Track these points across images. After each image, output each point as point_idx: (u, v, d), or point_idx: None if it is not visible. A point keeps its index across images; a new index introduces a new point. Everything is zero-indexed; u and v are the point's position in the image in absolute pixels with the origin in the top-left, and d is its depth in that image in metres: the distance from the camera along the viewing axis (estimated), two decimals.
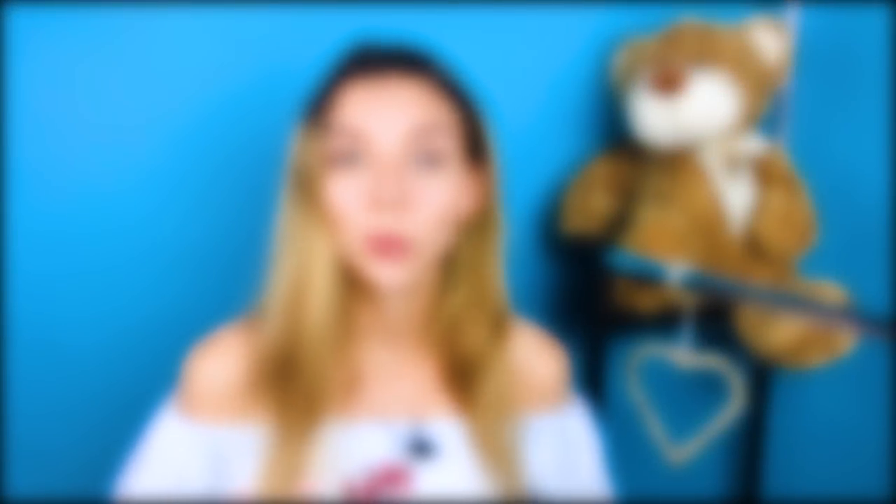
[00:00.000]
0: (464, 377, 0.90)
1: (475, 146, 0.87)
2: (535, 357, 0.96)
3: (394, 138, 0.81)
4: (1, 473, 1.11)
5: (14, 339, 1.10)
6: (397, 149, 0.81)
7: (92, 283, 1.13)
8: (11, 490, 1.12)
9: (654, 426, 1.35)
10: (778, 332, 1.26)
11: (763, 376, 1.47)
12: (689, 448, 1.35)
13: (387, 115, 0.81)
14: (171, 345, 0.91)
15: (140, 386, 0.99)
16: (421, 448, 0.88)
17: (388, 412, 0.89)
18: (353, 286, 0.86)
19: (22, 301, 1.10)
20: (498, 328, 0.90)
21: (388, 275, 0.81)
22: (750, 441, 1.53)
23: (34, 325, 1.11)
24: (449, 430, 0.90)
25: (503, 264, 0.90)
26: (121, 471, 0.91)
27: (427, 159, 0.82)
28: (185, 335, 0.90)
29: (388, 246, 0.80)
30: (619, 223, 1.36)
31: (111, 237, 1.12)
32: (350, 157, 0.81)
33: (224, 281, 0.91)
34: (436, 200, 0.81)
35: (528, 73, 1.33)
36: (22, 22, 1.04)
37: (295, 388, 0.84)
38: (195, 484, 0.86)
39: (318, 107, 0.84)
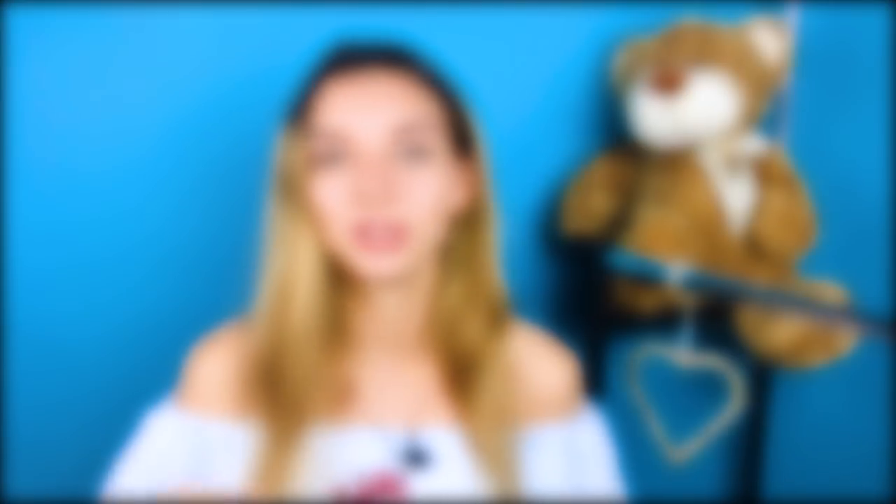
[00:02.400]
0: (462, 381, 0.89)
1: (462, 139, 0.86)
2: (541, 364, 0.93)
3: (377, 136, 0.80)
4: (1, 473, 1.11)
5: (14, 339, 1.10)
6: (381, 146, 0.80)
7: (92, 282, 1.13)
8: (11, 490, 1.12)
9: (654, 426, 1.35)
10: (778, 332, 1.26)
11: (763, 376, 1.47)
12: (689, 448, 1.35)
13: (368, 113, 0.81)
14: (172, 344, 0.91)
15: (141, 385, 0.99)
16: (416, 457, 0.87)
17: (384, 419, 0.88)
18: (345, 287, 0.85)
19: (22, 302, 1.10)
20: (496, 324, 0.89)
21: (378, 265, 0.80)
22: (750, 441, 1.52)
23: (34, 326, 1.11)
24: (445, 438, 0.88)
25: (498, 258, 0.89)
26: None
27: (412, 154, 0.81)
28: (185, 334, 0.90)
29: (377, 235, 0.79)
30: (619, 223, 1.36)
31: (110, 236, 1.12)
32: (334, 157, 0.81)
33: (225, 278, 0.91)
34: (424, 191, 0.81)
35: (529, 73, 1.33)
36: (22, 22, 1.04)
37: (281, 390, 0.84)
38: (178, 472, 0.86)
39: (299, 108, 0.84)
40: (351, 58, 0.84)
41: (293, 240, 0.83)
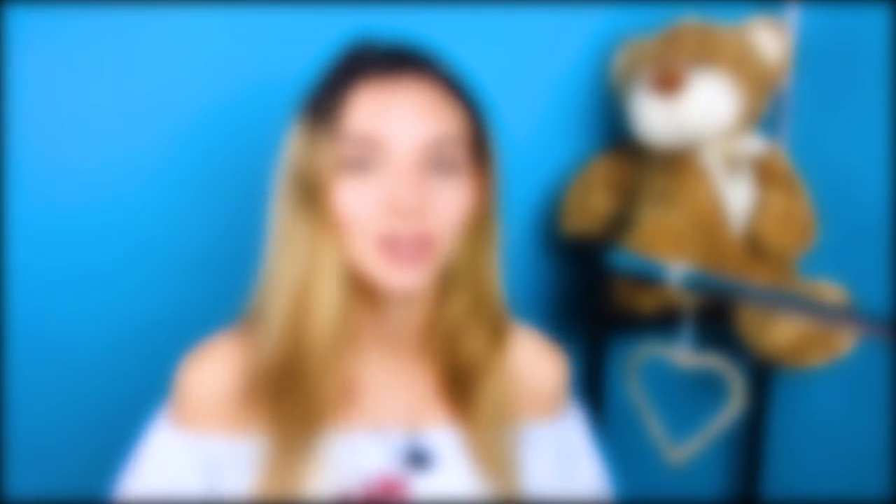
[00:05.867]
0: (462, 385, 0.89)
1: (479, 149, 0.85)
2: (535, 364, 0.94)
3: (412, 147, 0.79)
4: (1, 473, 1.11)
5: (14, 340, 1.10)
6: (415, 157, 0.79)
7: (91, 283, 1.13)
8: (11, 490, 1.12)
9: (654, 426, 1.35)
10: (778, 332, 1.26)
11: (763, 376, 1.47)
12: (689, 448, 1.35)
13: (403, 122, 0.79)
14: (172, 344, 0.91)
15: (141, 385, 0.99)
16: (418, 458, 0.87)
17: (385, 422, 0.88)
18: (356, 295, 0.84)
19: (22, 303, 1.10)
20: (497, 334, 0.89)
21: (402, 279, 0.79)
22: (750, 441, 1.53)
23: (34, 327, 1.11)
24: (446, 439, 0.88)
25: (502, 269, 0.89)
26: (119, 473, 0.90)
27: (442, 167, 0.80)
28: (187, 337, 0.90)
29: (404, 248, 0.78)
30: (619, 223, 1.36)
31: (110, 238, 1.12)
32: (363, 164, 0.79)
33: (224, 282, 0.91)
34: (450, 205, 0.80)
35: (529, 73, 1.33)
36: (22, 22, 1.04)
37: (295, 399, 0.82)
38: (189, 495, 0.85)
39: (324, 109, 0.81)
40: (379, 60, 0.82)
41: (312, 245, 0.81)
